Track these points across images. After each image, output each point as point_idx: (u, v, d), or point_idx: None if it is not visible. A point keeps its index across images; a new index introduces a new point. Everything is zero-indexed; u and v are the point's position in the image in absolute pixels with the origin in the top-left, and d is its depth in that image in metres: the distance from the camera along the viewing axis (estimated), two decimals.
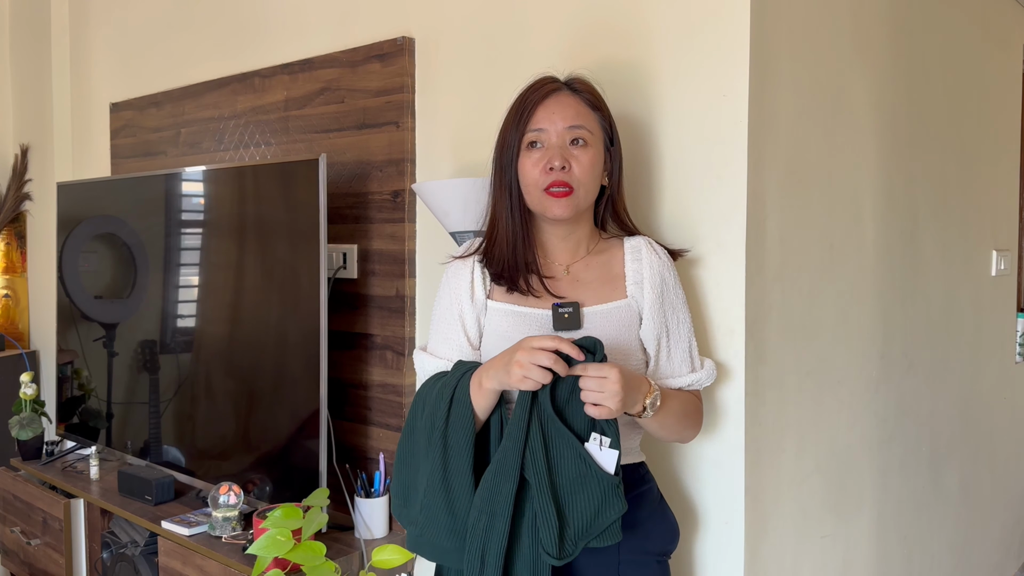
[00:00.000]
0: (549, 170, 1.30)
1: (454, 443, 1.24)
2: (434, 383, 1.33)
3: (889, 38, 2.01)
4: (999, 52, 2.75)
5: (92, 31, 3.11)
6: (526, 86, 1.37)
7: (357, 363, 2.10)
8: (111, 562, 2.31)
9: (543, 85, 1.35)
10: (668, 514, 1.42)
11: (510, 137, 1.34)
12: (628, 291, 1.36)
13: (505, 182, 1.35)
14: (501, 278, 1.34)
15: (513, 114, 1.35)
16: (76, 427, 2.70)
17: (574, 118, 1.32)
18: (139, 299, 2.45)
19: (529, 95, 1.34)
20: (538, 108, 1.32)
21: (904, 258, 2.16)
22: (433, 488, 1.25)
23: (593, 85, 1.39)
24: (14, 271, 3.50)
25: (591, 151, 1.33)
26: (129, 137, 2.90)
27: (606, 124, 1.37)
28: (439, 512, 1.24)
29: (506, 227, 1.35)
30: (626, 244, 1.40)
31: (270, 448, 2.05)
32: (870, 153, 1.96)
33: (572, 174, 1.30)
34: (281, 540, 1.12)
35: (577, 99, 1.35)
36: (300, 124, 2.23)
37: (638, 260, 1.38)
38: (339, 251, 2.11)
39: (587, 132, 1.33)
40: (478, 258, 1.38)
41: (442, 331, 1.39)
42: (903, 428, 2.19)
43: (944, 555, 2.51)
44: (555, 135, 1.31)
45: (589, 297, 1.35)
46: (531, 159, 1.32)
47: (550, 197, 1.31)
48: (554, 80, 1.37)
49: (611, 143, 1.38)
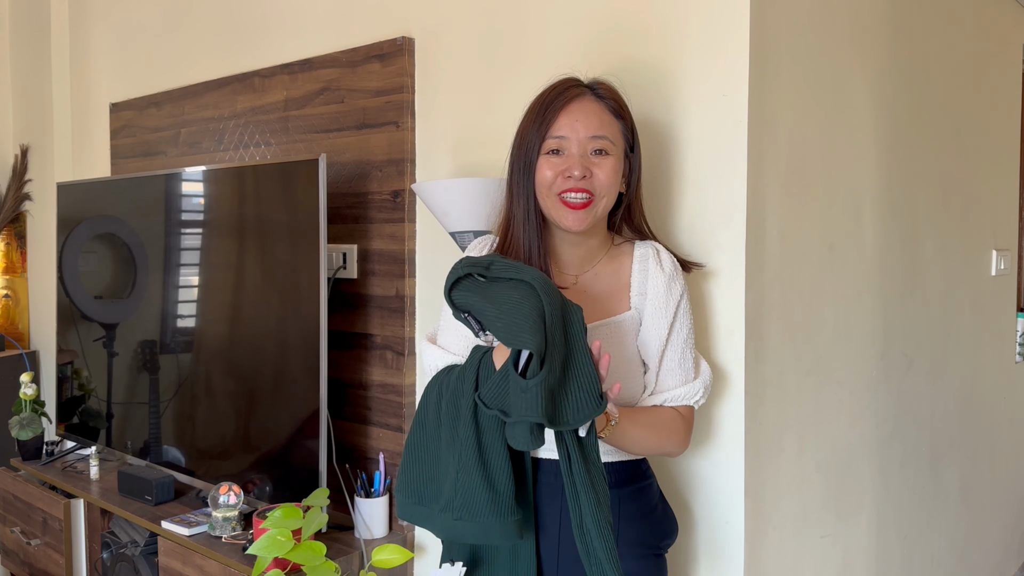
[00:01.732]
0: (567, 178, 1.28)
1: (485, 421, 1.21)
2: (447, 373, 1.30)
3: (889, 38, 2.01)
4: (999, 52, 2.75)
5: (92, 31, 3.11)
6: (548, 86, 1.33)
7: (357, 363, 2.10)
8: (111, 562, 2.31)
9: (567, 88, 1.30)
10: (668, 510, 1.42)
11: (529, 140, 1.30)
12: (632, 303, 1.35)
13: (522, 187, 1.32)
14: None
15: (533, 116, 1.30)
16: (76, 427, 2.70)
17: (598, 127, 1.29)
18: (139, 299, 2.45)
19: (552, 98, 1.30)
20: (560, 114, 1.28)
21: (904, 258, 2.16)
22: (468, 469, 1.21)
23: (618, 91, 1.35)
24: (14, 271, 3.50)
25: (612, 160, 1.30)
26: (129, 137, 2.90)
27: (628, 132, 1.34)
28: (479, 492, 1.21)
29: (521, 234, 1.33)
30: (636, 251, 1.38)
31: (270, 448, 2.05)
32: (870, 153, 1.96)
33: (593, 182, 1.28)
34: (281, 540, 1.12)
35: (601, 106, 1.31)
36: (300, 124, 2.23)
37: (644, 271, 1.36)
38: (339, 251, 2.11)
39: (609, 143, 1.30)
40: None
41: (453, 326, 1.38)
42: (903, 428, 2.19)
43: (944, 555, 2.51)
44: (576, 144, 1.28)
45: (595, 311, 1.33)
46: (549, 164, 1.29)
47: (564, 207, 1.28)
48: (578, 84, 1.33)
49: (631, 150, 1.36)
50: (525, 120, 1.32)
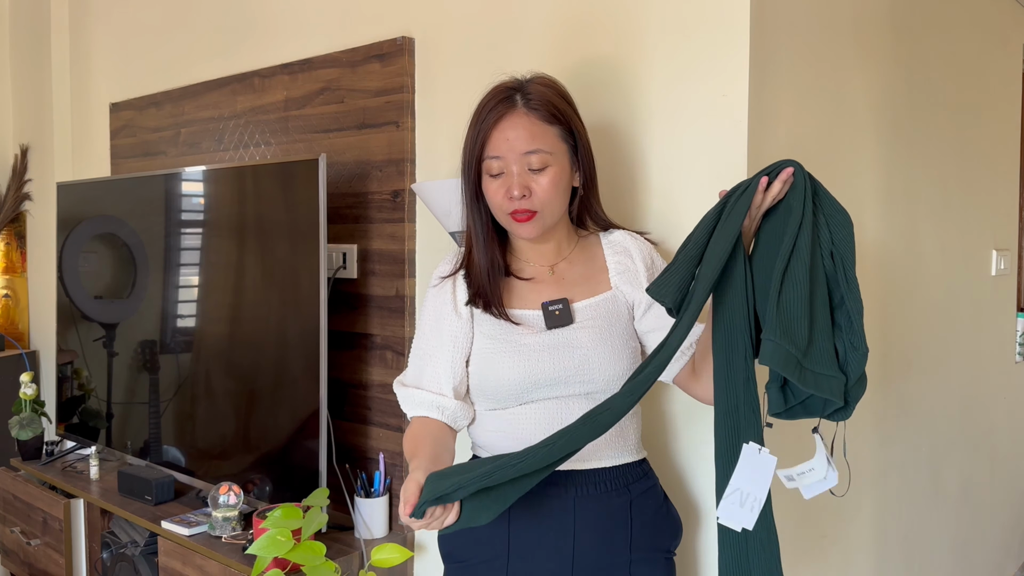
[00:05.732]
0: (510, 199, 1.29)
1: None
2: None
3: (889, 38, 2.01)
4: (999, 52, 2.75)
5: (92, 31, 3.11)
6: (482, 104, 1.32)
7: (357, 363, 2.10)
8: (111, 562, 2.31)
9: (496, 104, 1.30)
10: (672, 510, 1.42)
11: (469, 161, 1.32)
12: (612, 282, 1.37)
13: (474, 207, 1.34)
14: (478, 299, 1.34)
15: (471, 137, 1.32)
16: (76, 427, 2.70)
17: (528, 142, 1.27)
18: (139, 299, 2.45)
19: (484, 115, 1.30)
20: (492, 134, 1.29)
21: (904, 258, 2.16)
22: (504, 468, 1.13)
23: (551, 93, 1.31)
24: (14, 271, 3.50)
25: (551, 171, 1.29)
26: (129, 137, 2.90)
27: (566, 134, 1.32)
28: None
29: (479, 254, 1.35)
30: (603, 240, 1.41)
31: (270, 448, 2.05)
32: (870, 153, 1.96)
33: (533, 200, 1.29)
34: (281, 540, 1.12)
35: (531, 118, 1.28)
36: (300, 124, 2.23)
37: (621, 252, 1.39)
38: (339, 251, 2.11)
39: (545, 154, 1.28)
40: (462, 275, 1.39)
41: (429, 350, 1.37)
42: (903, 428, 2.19)
43: (944, 555, 2.51)
44: (513, 161, 1.28)
45: (577, 293, 1.36)
46: (492, 186, 1.30)
47: (516, 221, 1.31)
48: (508, 97, 1.30)
49: (575, 149, 1.34)
50: (467, 136, 1.33)
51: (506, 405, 1.33)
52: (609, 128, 1.64)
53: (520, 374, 1.30)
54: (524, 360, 1.30)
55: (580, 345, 1.30)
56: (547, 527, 1.31)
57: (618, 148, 1.64)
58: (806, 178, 1.14)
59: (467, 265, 1.38)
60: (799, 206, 1.12)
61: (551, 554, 1.31)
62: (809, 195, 1.13)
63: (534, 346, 1.31)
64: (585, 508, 1.31)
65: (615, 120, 1.63)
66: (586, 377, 1.30)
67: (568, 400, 1.31)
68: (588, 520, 1.31)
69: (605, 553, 1.31)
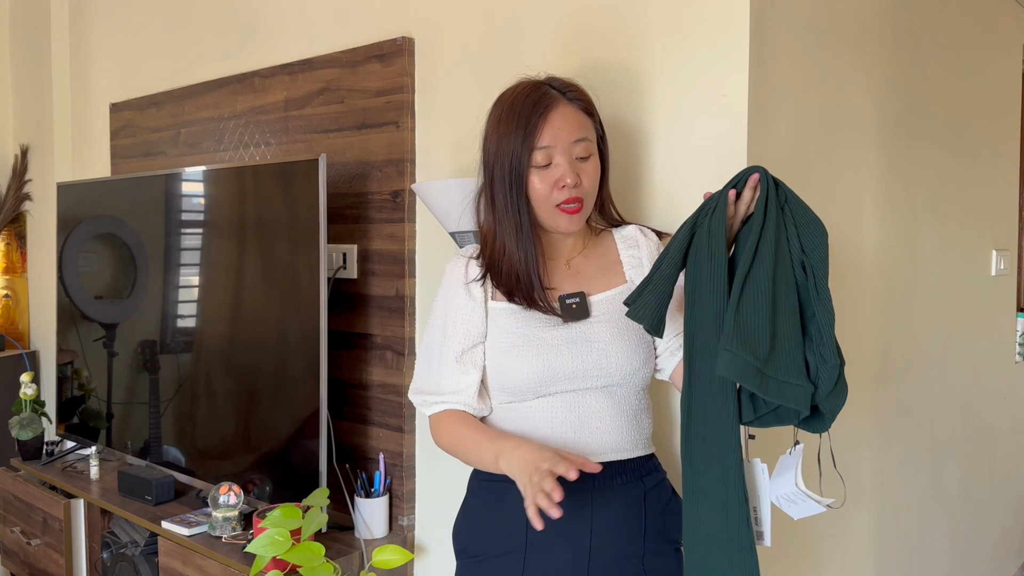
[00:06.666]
0: (562, 188, 1.29)
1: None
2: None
3: (889, 38, 2.01)
4: (999, 52, 2.75)
5: (92, 31, 3.11)
6: (516, 95, 1.32)
7: (357, 363, 2.10)
8: (111, 562, 2.31)
9: (541, 98, 1.31)
10: (679, 504, 1.43)
11: (514, 153, 1.30)
12: (627, 276, 1.39)
13: (511, 200, 1.31)
14: (514, 296, 1.33)
15: (513, 129, 1.30)
16: (76, 427, 2.70)
17: (578, 131, 1.31)
18: (139, 299, 2.45)
19: (529, 109, 1.30)
20: (543, 123, 1.29)
21: (904, 258, 2.16)
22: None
23: (586, 91, 1.37)
24: (14, 271, 3.50)
25: (594, 160, 1.34)
26: (129, 137, 2.90)
27: (598, 126, 1.38)
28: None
29: (515, 247, 1.32)
30: (616, 235, 1.43)
31: (270, 448, 2.05)
32: (870, 153, 1.96)
33: (582, 188, 1.31)
34: (280, 540, 1.12)
35: (574, 108, 1.33)
36: (300, 124, 2.23)
37: (633, 247, 1.41)
38: (339, 251, 2.11)
39: (589, 142, 1.33)
40: (478, 262, 1.38)
41: (448, 344, 1.37)
42: (903, 428, 2.19)
43: (944, 555, 2.51)
44: (562, 151, 1.30)
45: (592, 286, 1.37)
46: (540, 177, 1.30)
47: (562, 213, 1.31)
48: (550, 90, 1.33)
49: (601, 143, 1.38)
50: (502, 130, 1.31)
51: (523, 398, 1.33)
52: (609, 128, 1.63)
53: (539, 369, 1.30)
54: (543, 355, 1.30)
55: (598, 339, 1.31)
56: (565, 519, 1.30)
57: (618, 148, 1.64)
58: (769, 183, 1.15)
59: (494, 264, 1.35)
60: (760, 213, 1.14)
61: (568, 547, 1.31)
62: (773, 200, 1.15)
63: (552, 340, 1.31)
64: (603, 499, 1.32)
65: (615, 120, 1.63)
66: (604, 371, 1.31)
67: (585, 393, 1.32)
68: (606, 512, 1.32)
69: (621, 545, 1.32)
